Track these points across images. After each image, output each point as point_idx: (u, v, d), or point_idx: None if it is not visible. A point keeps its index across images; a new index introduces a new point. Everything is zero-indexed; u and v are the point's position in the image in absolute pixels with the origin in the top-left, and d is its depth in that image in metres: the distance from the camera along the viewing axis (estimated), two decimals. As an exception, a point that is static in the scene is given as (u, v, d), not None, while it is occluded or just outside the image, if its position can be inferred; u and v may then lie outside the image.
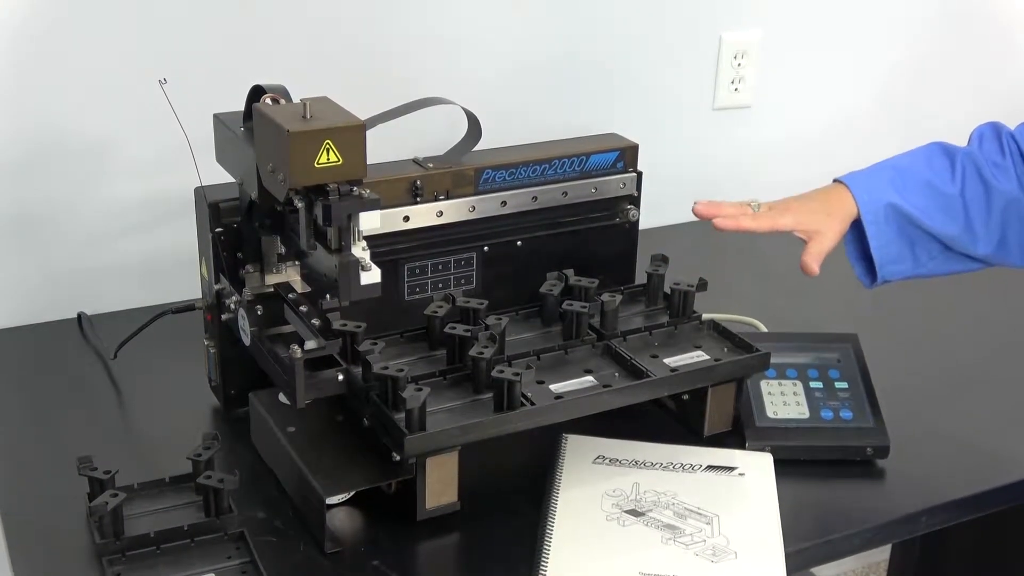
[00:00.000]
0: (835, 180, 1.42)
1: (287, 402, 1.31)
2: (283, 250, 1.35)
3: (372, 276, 1.19)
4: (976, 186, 1.37)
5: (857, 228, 1.40)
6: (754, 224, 1.38)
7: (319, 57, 1.72)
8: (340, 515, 1.25)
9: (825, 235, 1.38)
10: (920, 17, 2.25)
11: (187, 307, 1.52)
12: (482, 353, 1.28)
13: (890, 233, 1.38)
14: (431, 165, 1.47)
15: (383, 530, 1.24)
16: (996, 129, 1.41)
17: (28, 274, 1.67)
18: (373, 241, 1.25)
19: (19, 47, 1.56)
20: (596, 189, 1.56)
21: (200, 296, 1.45)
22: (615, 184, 1.57)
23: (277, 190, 1.20)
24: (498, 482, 1.33)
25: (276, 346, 1.28)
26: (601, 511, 1.27)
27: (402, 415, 1.19)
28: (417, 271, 1.48)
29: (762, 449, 1.38)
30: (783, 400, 1.43)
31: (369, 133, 1.19)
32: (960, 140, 1.48)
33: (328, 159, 1.16)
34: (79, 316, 1.68)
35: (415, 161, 1.48)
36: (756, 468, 1.35)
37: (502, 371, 1.24)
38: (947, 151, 1.41)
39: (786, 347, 1.49)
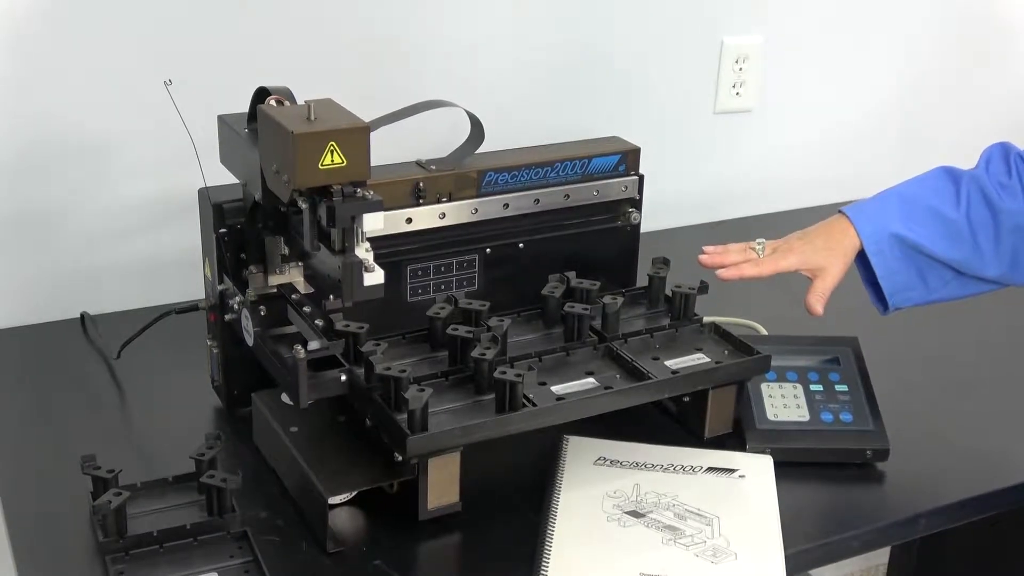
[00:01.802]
0: (839, 211, 1.43)
1: (290, 402, 1.31)
2: (286, 251, 1.36)
3: (375, 277, 1.19)
4: (982, 209, 1.37)
5: (866, 257, 1.41)
6: (756, 271, 1.42)
7: (323, 59, 1.73)
8: (342, 515, 1.26)
9: (829, 272, 1.40)
10: (921, 22, 2.25)
11: (190, 307, 1.52)
12: (484, 354, 1.28)
13: (896, 263, 1.39)
14: (434, 167, 1.47)
15: (385, 530, 1.24)
16: (1005, 150, 1.40)
17: (31, 274, 1.67)
18: (376, 242, 1.26)
19: (24, 47, 1.57)
20: (598, 192, 1.57)
21: (203, 296, 1.45)
22: (617, 187, 1.58)
23: (281, 191, 1.21)
24: (500, 483, 1.33)
25: (279, 347, 1.29)
26: (602, 512, 1.27)
27: (404, 416, 1.20)
28: (420, 273, 1.49)
29: (762, 451, 1.38)
30: (783, 403, 1.43)
31: (373, 135, 1.20)
32: (960, 146, 1.48)
33: (332, 161, 1.16)
34: (82, 316, 1.68)
35: (418, 163, 1.48)
36: (756, 470, 1.35)
37: (504, 372, 1.24)
38: (952, 175, 1.40)
39: (786, 350, 1.50)
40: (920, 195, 1.40)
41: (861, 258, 1.41)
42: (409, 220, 1.45)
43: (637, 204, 1.61)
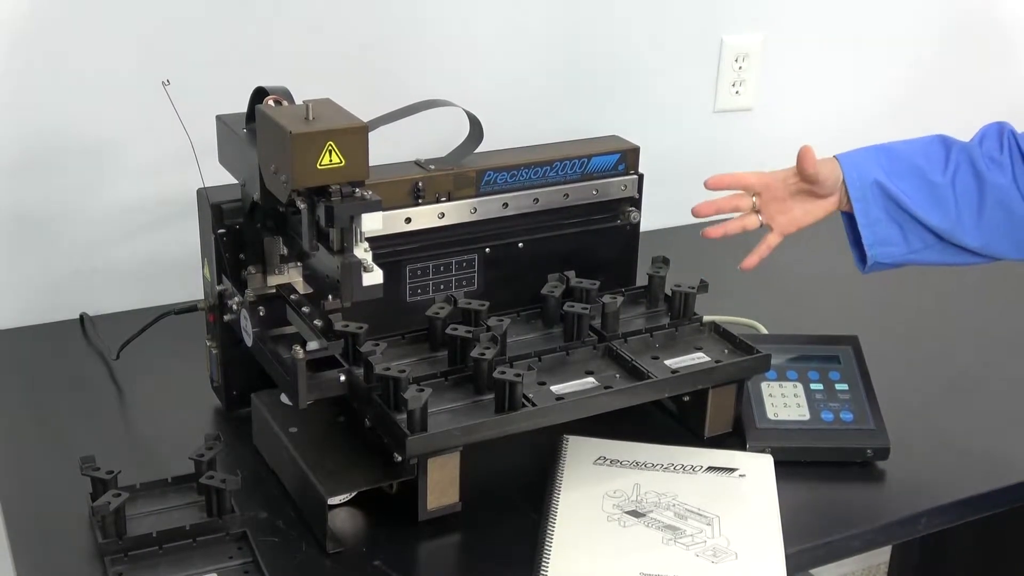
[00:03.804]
0: (833, 156, 1.44)
1: (289, 403, 1.31)
2: (285, 251, 1.36)
3: (374, 277, 1.19)
4: (968, 178, 1.38)
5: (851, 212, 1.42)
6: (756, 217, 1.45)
7: (322, 59, 1.73)
8: (342, 515, 1.26)
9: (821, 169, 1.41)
10: (922, 20, 2.25)
11: (189, 308, 1.52)
12: (483, 354, 1.28)
13: (877, 212, 1.40)
14: (433, 167, 1.47)
15: (385, 530, 1.24)
16: (1000, 128, 1.42)
17: (31, 275, 1.67)
18: (375, 242, 1.25)
19: (23, 48, 1.57)
20: (597, 191, 1.57)
21: (202, 297, 1.45)
22: (616, 186, 1.58)
23: (279, 191, 1.21)
24: (499, 483, 1.33)
25: (278, 347, 1.29)
26: (602, 512, 1.27)
27: (404, 416, 1.20)
28: (419, 272, 1.49)
29: (763, 450, 1.38)
30: (783, 402, 1.43)
31: (371, 135, 1.20)
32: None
33: (330, 160, 1.16)
34: (81, 317, 1.68)
35: (417, 163, 1.48)
36: (757, 469, 1.35)
37: (503, 372, 1.24)
38: (945, 143, 1.43)
39: (786, 349, 1.49)
40: (908, 155, 1.42)
41: (848, 215, 1.42)
42: (408, 220, 1.45)
43: (637, 203, 1.61)
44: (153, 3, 1.61)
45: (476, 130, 1.50)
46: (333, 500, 1.23)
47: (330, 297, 1.24)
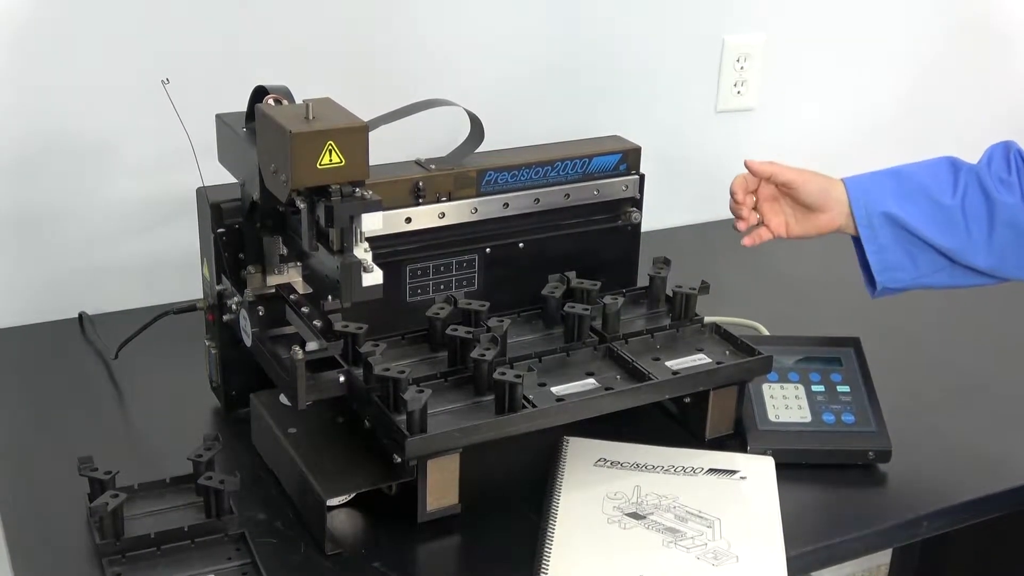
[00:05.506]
0: (841, 179, 1.43)
1: (288, 403, 1.31)
2: (285, 251, 1.35)
3: (374, 277, 1.19)
4: (978, 200, 1.38)
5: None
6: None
7: (322, 58, 1.72)
8: (341, 517, 1.25)
9: (803, 180, 1.42)
10: (923, 21, 2.25)
11: (189, 308, 1.52)
12: (484, 355, 1.28)
13: (885, 240, 1.39)
14: (433, 167, 1.47)
15: (384, 532, 1.24)
16: (1006, 148, 1.42)
17: (30, 274, 1.67)
18: (375, 242, 1.25)
19: (24, 47, 1.56)
20: (598, 191, 1.56)
21: (202, 297, 1.45)
22: (617, 186, 1.57)
23: (279, 191, 1.20)
24: (499, 484, 1.33)
25: (277, 347, 1.28)
26: (602, 514, 1.26)
27: (403, 417, 1.19)
28: (419, 273, 1.48)
29: (764, 452, 1.38)
30: (785, 403, 1.43)
31: (371, 134, 1.19)
32: (963, 142, 1.48)
33: (330, 160, 1.16)
34: (80, 316, 1.68)
35: (417, 163, 1.48)
36: (758, 471, 1.35)
37: (504, 373, 1.24)
38: (953, 165, 1.42)
39: (788, 350, 1.49)
40: (917, 178, 1.41)
41: (857, 239, 1.41)
42: (408, 220, 1.44)
43: (638, 203, 1.60)
44: (153, 2, 1.61)
45: (477, 130, 1.49)
46: (332, 501, 1.22)
47: (330, 297, 1.24)
